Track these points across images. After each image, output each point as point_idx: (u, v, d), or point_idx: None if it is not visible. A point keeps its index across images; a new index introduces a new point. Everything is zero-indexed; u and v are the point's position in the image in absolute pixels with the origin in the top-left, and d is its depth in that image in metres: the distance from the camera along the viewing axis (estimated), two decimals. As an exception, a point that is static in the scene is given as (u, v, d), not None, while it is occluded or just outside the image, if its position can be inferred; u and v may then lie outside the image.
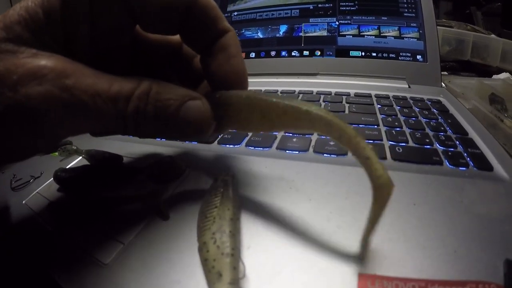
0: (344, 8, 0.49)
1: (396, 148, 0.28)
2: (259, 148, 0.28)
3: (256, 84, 0.47)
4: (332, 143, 0.28)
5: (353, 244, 0.17)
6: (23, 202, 0.27)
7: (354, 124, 0.32)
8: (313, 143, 0.28)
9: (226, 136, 0.30)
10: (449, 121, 0.35)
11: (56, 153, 0.36)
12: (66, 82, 0.14)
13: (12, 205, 0.27)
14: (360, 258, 0.17)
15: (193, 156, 0.28)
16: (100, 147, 0.30)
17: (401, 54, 0.46)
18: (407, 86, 0.44)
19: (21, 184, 0.30)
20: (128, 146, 0.31)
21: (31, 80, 0.13)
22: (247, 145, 0.29)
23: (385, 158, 0.26)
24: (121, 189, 0.25)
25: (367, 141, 0.28)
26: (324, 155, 0.27)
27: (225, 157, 0.27)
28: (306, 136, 0.30)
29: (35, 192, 0.28)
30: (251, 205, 0.21)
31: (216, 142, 0.30)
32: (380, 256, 0.17)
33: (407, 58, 0.46)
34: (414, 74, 0.45)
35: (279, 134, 0.30)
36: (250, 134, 0.31)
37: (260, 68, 0.51)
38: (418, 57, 0.46)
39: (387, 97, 0.40)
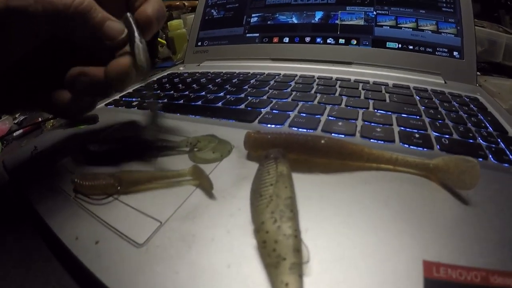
0: (382, -2, 0.48)
1: (443, 140, 0.27)
2: (303, 129, 0.28)
3: (291, 69, 0.46)
4: (379, 129, 0.28)
5: (415, 231, 0.17)
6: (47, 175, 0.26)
7: (397, 113, 0.31)
8: (359, 128, 0.28)
9: (267, 116, 0.30)
10: (489, 118, 0.34)
11: (82, 126, 0.35)
12: None
13: (34, 179, 0.27)
14: None
15: (236, 134, 0.27)
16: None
17: (437, 49, 0.45)
18: (443, 81, 0.43)
19: (42, 156, 0.30)
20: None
21: None
22: (290, 125, 0.28)
23: (432, 148, 0.26)
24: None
25: (412, 130, 0.28)
26: (371, 140, 0.26)
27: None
28: (351, 121, 0.29)
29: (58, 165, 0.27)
30: (303, 186, 0.20)
31: (257, 121, 0.29)
32: (441, 245, 0.16)
33: (444, 54, 0.45)
34: (450, 70, 0.44)
35: (324, 117, 0.30)
36: (293, 114, 0.30)
37: (293, 54, 0.50)
38: (455, 53, 0.45)
39: (425, 90, 0.39)
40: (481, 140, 0.28)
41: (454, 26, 0.46)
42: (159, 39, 0.81)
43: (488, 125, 0.32)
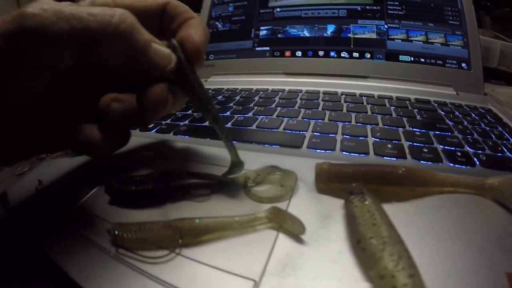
0: (392, 11, 0.49)
1: (480, 156, 0.28)
2: (355, 154, 0.27)
3: (309, 84, 0.46)
4: (425, 149, 0.28)
5: (491, 248, 0.17)
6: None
7: (432, 130, 0.32)
8: (407, 149, 0.28)
9: (314, 140, 0.29)
10: (507, 130, 0.35)
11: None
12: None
13: (47, 225, 0.21)
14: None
15: (289, 162, 0.26)
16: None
17: (447, 61, 0.46)
18: (455, 93, 0.45)
19: (51, 194, 0.25)
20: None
21: None
22: (342, 150, 0.28)
23: (474, 165, 0.26)
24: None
25: (452, 148, 0.28)
26: (421, 162, 0.27)
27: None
28: (394, 142, 0.29)
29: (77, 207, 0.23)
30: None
31: (305, 146, 0.29)
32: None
33: (453, 66, 0.46)
34: (460, 81, 0.46)
35: (369, 139, 0.29)
36: (339, 138, 0.30)
37: (307, 68, 0.50)
38: (463, 65, 0.47)
39: (445, 103, 0.40)
40: (508, 153, 0.29)
41: (460, 38, 0.47)
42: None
43: (509, 137, 0.33)
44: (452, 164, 0.26)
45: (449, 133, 0.32)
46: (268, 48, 0.53)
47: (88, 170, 0.28)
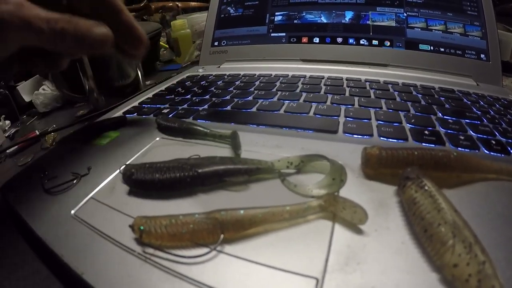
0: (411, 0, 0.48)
1: None
2: (394, 140, 0.26)
3: (329, 71, 0.45)
4: (462, 137, 0.27)
5: None
6: (72, 212, 0.20)
7: (463, 119, 0.31)
8: (444, 137, 0.27)
9: (350, 125, 0.28)
10: (532, 121, 0.35)
11: (104, 142, 0.29)
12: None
13: (55, 219, 0.19)
14: None
15: (325, 147, 0.25)
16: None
17: (466, 51, 0.46)
18: (475, 84, 0.44)
19: (59, 185, 0.22)
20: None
21: None
22: (380, 135, 0.27)
23: (508, 154, 0.26)
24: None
25: (485, 137, 0.27)
26: (459, 148, 0.26)
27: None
28: (429, 128, 0.28)
29: (88, 197, 0.21)
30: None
31: (341, 131, 0.28)
32: None
33: (472, 56, 0.46)
34: (479, 72, 0.45)
35: (405, 125, 0.29)
36: (374, 123, 0.29)
37: (325, 55, 0.48)
38: (482, 56, 0.46)
39: (469, 93, 0.39)
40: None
41: (479, 29, 0.47)
42: (161, 42, 0.75)
43: (535, 128, 0.33)
44: (488, 152, 0.26)
45: (479, 122, 0.31)
46: (284, 34, 0.51)
47: (97, 157, 0.26)
